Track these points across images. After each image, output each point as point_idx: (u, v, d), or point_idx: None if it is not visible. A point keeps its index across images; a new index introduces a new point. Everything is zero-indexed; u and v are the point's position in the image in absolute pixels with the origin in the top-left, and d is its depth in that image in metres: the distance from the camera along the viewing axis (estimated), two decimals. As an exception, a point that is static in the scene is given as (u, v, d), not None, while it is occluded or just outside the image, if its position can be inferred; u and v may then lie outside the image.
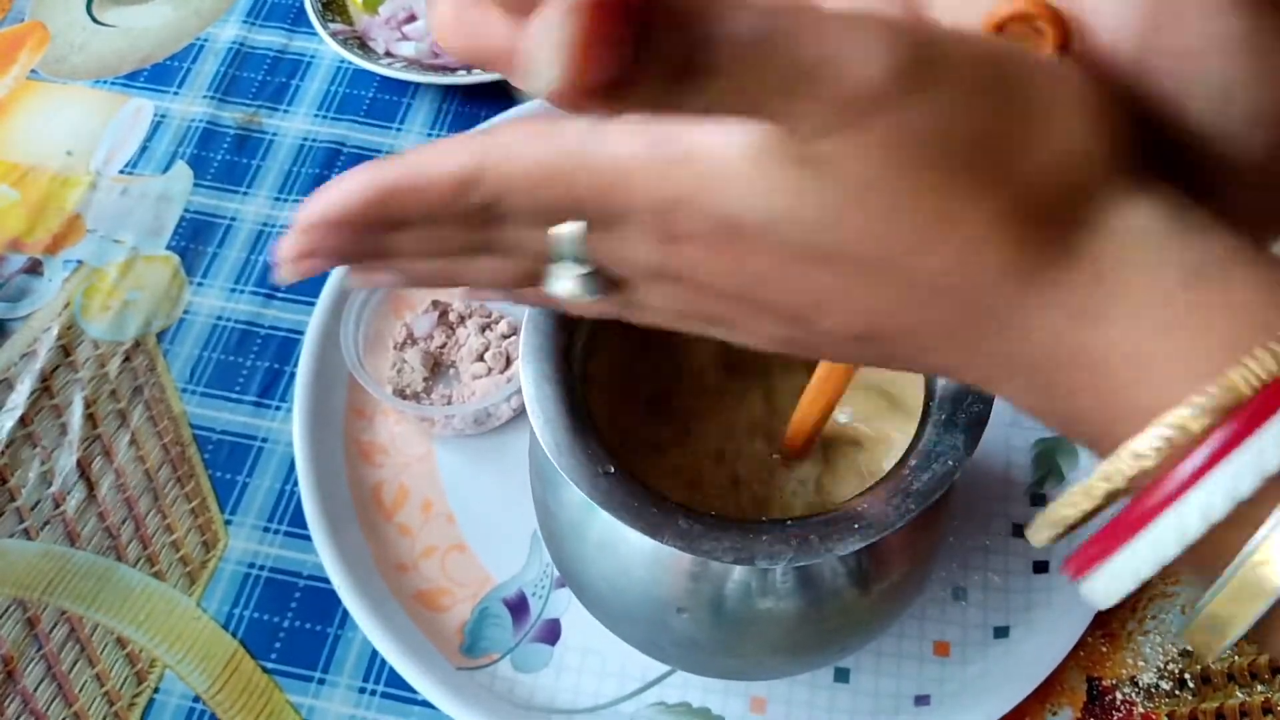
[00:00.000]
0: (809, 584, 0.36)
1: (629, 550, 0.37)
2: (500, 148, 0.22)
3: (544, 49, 0.16)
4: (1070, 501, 0.21)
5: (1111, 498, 0.21)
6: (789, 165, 0.20)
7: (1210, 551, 0.19)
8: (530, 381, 0.35)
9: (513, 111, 0.58)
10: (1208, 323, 0.20)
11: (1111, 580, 0.21)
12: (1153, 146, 0.22)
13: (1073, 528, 0.22)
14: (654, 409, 0.42)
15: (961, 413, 0.34)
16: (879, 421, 0.40)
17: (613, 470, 0.33)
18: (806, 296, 0.22)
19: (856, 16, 0.19)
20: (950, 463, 0.33)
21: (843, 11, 0.19)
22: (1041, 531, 0.23)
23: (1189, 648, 0.47)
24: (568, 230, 0.23)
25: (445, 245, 0.24)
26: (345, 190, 0.23)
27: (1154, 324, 0.20)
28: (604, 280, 0.24)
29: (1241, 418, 0.19)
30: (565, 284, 0.24)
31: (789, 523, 0.33)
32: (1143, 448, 0.20)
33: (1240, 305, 0.20)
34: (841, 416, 0.41)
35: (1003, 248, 0.20)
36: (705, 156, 0.21)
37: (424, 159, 0.23)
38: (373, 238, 0.24)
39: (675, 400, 0.42)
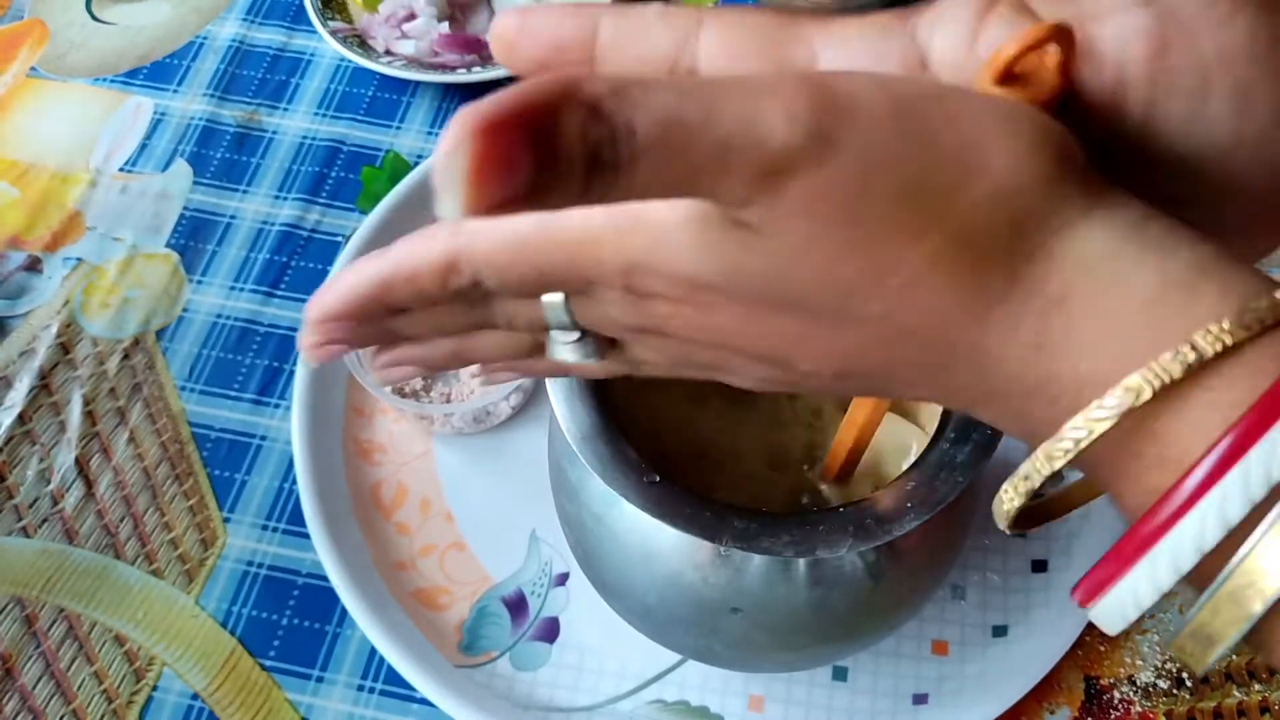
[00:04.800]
0: (855, 568, 0.36)
1: (679, 559, 0.36)
2: (471, 234, 0.24)
3: (447, 175, 0.16)
4: (1031, 469, 0.22)
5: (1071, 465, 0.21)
6: (726, 230, 0.21)
7: (1205, 564, 0.19)
8: (561, 402, 0.35)
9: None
10: (1168, 341, 0.19)
11: (1120, 602, 0.20)
12: (1151, 173, 0.22)
13: (1037, 499, 0.23)
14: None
15: None
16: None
17: (658, 479, 0.33)
18: (777, 342, 0.23)
19: (766, 81, 0.19)
20: (989, 430, 0.33)
21: (752, 78, 0.19)
22: (1005, 500, 0.23)
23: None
24: (549, 300, 0.25)
25: (449, 325, 0.27)
26: (344, 286, 0.25)
27: (1115, 351, 0.20)
28: (598, 342, 0.26)
29: (1239, 430, 0.18)
30: (565, 350, 0.26)
31: (842, 510, 0.33)
32: (1095, 413, 0.19)
33: (1203, 319, 0.19)
34: None
35: (945, 288, 0.20)
36: (653, 223, 0.22)
37: (407, 250, 0.24)
38: (378, 327, 0.26)
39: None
